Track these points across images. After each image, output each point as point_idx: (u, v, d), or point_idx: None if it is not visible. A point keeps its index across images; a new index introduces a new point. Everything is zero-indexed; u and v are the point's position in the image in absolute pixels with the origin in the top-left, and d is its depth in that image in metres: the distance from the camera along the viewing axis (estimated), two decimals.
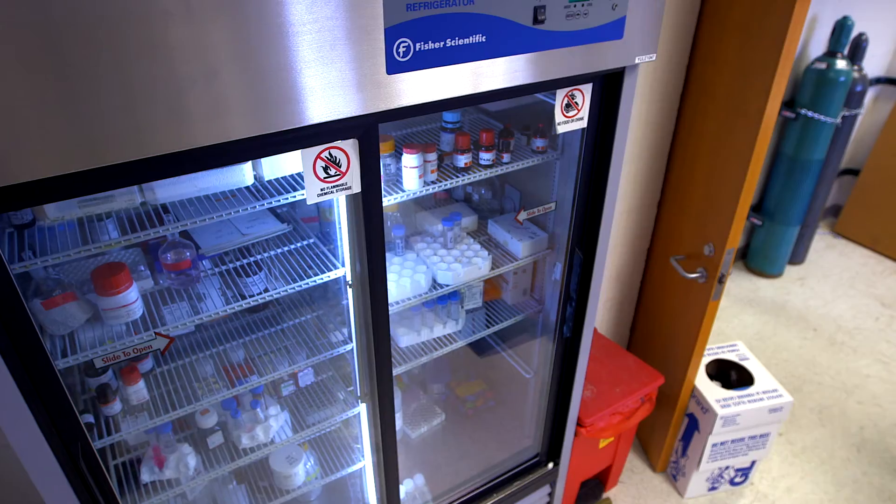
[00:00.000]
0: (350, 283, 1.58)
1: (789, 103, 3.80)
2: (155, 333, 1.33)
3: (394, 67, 1.18)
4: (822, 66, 3.59)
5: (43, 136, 0.92)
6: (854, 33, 3.67)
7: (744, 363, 2.72)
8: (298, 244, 1.79)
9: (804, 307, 4.00)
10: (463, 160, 1.74)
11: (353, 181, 1.32)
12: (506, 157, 1.81)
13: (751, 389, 2.58)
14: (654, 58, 1.55)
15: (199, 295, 1.63)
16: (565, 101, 1.58)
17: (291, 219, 1.88)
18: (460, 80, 1.28)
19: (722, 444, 2.60)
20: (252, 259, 1.72)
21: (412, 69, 1.20)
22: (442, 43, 1.21)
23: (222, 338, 1.88)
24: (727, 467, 2.75)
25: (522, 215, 1.89)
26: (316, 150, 1.24)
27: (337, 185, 1.30)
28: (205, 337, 1.88)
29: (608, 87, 1.63)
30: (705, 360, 2.75)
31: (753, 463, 2.77)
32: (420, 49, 1.19)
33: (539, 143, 1.84)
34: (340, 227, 1.54)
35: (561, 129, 1.63)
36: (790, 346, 3.67)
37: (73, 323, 1.42)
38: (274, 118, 1.09)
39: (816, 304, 4.02)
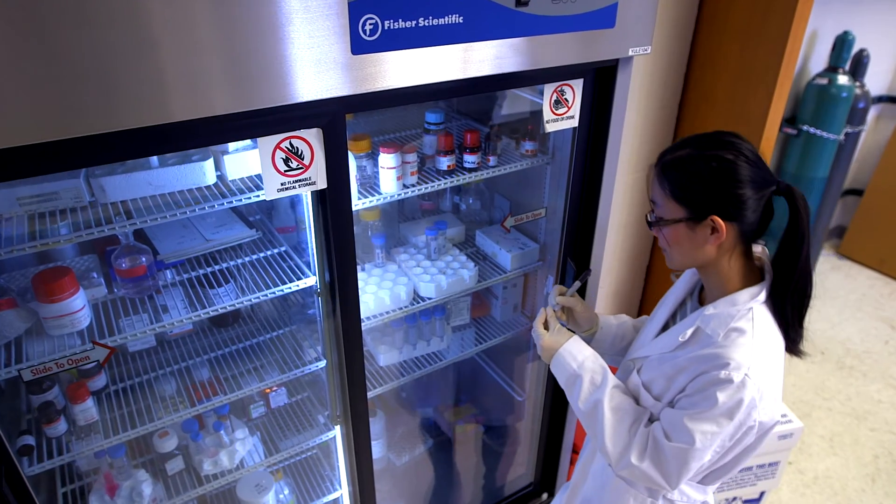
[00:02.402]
0: (318, 291, 1.45)
1: (791, 120, 3.71)
2: (93, 343, 1.20)
3: (360, 47, 1.06)
4: (824, 81, 3.51)
5: None
6: (855, 49, 3.60)
7: None
8: (269, 252, 1.67)
9: (810, 330, 3.84)
10: (446, 162, 1.63)
11: (318, 176, 1.20)
12: (492, 161, 1.69)
13: None
14: (648, 50, 1.44)
15: (162, 307, 1.49)
16: (554, 97, 1.47)
17: (264, 227, 1.76)
18: (436, 65, 1.17)
19: None
20: (218, 267, 1.60)
21: (381, 50, 1.09)
22: (414, 22, 1.10)
23: (187, 355, 1.73)
24: (734, 499, 2.57)
25: (510, 222, 1.77)
26: (275, 138, 1.12)
27: (300, 180, 1.18)
28: (168, 355, 1.74)
29: (601, 84, 1.52)
30: None
31: (762, 494, 2.59)
32: (389, 27, 1.08)
33: (528, 146, 1.73)
34: (309, 231, 1.42)
35: (550, 128, 1.52)
36: (796, 369, 3.51)
37: (10, 332, 1.28)
38: (219, 99, 0.97)
39: (823, 327, 3.87)
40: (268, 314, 1.94)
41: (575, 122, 1.55)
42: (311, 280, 1.51)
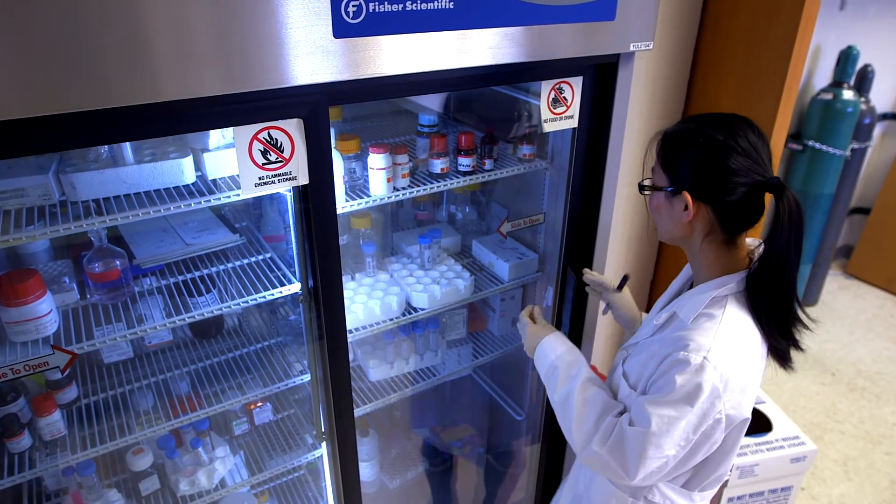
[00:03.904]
0: (301, 297, 1.36)
1: (796, 136, 3.65)
2: (53, 347, 1.11)
3: (342, 30, 1.00)
4: (829, 96, 3.46)
5: None
6: (859, 64, 3.55)
7: (760, 407, 2.45)
8: (253, 259, 1.59)
9: (820, 350, 3.74)
10: (439, 165, 1.56)
11: (299, 171, 1.12)
12: (488, 164, 1.62)
13: (769, 436, 2.31)
14: (650, 46, 1.38)
15: (138, 318, 1.40)
16: (552, 96, 1.40)
17: (250, 234, 1.68)
18: (425, 53, 1.10)
19: (739, 498, 2.31)
20: (199, 274, 1.52)
21: (365, 34, 1.02)
22: (401, 5, 1.03)
23: (166, 368, 1.64)
24: None
25: (506, 227, 1.69)
26: (251, 128, 1.05)
27: (279, 175, 1.11)
28: (146, 368, 1.64)
29: (601, 82, 1.46)
30: None
31: None
32: (374, 10, 1.01)
33: (526, 149, 1.66)
34: (293, 234, 1.34)
35: (548, 128, 1.45)
36: (807, 391, 3.39)
37: None
38: (186, 80, 0.90)
39: (833, 348, 3.76)
40: (253, 326, 1.85)
41: (574, 123, 1.48)
42: (295, 287, 1.42)
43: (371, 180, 1.46)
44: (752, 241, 1.15)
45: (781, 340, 1.10)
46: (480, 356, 1.95)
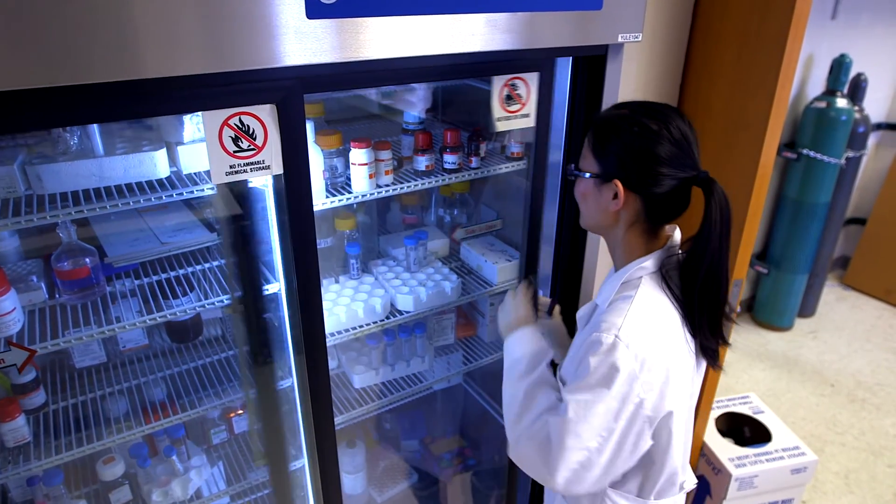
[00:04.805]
0: (276, 293, 1.31)
1: (790, 145, 3.63)
2: (9, 343, 1.05)
3: (316, 11, 0.96)
4: (822, 104, 3.44)
5: None
6: (852, 73, 3.55)
7: (758, 417, 2.39)
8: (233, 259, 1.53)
9: (818, 362, 3.68)
10: (424, 162, 1.51)
11: (273, 159, 1.07)
12: (475, 162, 1.58)
13: (768, 447, 2.25)
14: (639, 38, 1.34)
15: (114, 319, 1.35)
16: (506, 92, 1.33)
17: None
18: (403, 38, 1.06)
19: None
20: (174, 274, 1.46)
21: (339, 16, 0.98)
22: None
23: (140, 373, 1.58)
24: None
25: (460, 233, 1.64)
26: (221, 113, 1.00)
27: (251, 163, 1.06)
28: (121, 373, 1.58)
29: (590, 76, 1.42)
30: (714, 413, 2.43)
31: None
32: None
33: (515, 148, 1.62)
34: (270, 228, 1.29)
35: (501, 127, 1.38)
36: (806, 402, 3.32)
37: None
38: (148, 60, 0.86)
39: (832, 359, 3.70)
40: (235, 334, 1.79)
41: (531, 122, 1.41)
42: (274, 287, 1.37)
43: (353, 177, 1.42)
44: (669, 228, 1.13)
45: (712, 339, 1.08)
46: (470, 363, 1.89)
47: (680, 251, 1.11)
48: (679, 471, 1.13)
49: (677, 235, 1.13)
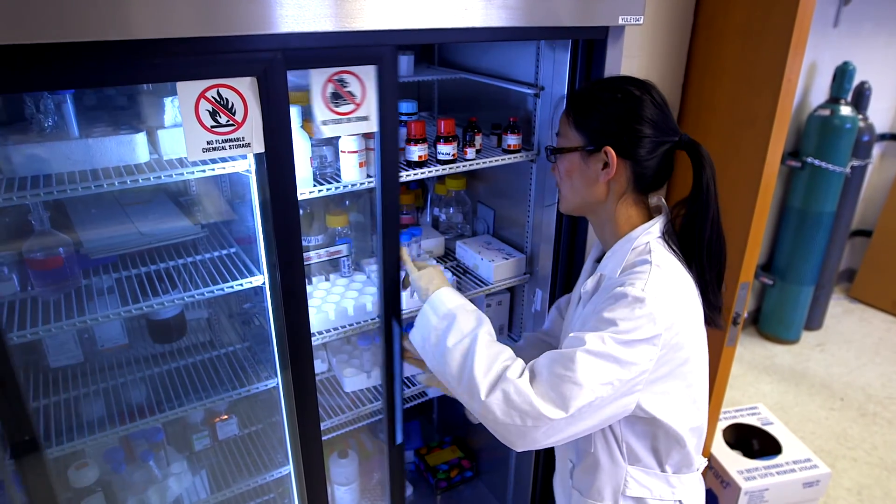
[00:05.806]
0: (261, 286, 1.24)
1: (794, 153, 3.58)
2: None
3: None
4: (826, 112, 3.40)
5: None
6: (856, 81, 3.51)
7: (767, 428, 2.30)
8: (216, 253, 1.47)
9: (827, 375, 3.58)
10: (416, 152, 1.45)
11: (253, 136, 1.01)
12: (470, 154, 1.52)
13: (779, 459, 2.15)
14: (640, 21, 1.29)
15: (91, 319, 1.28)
16: (329, 89, 1.10)
17: (217, 231, 1.57)
18: (394, 9, 1.01)
19: None
20: (155, 268, 1.40)
21: None
22: None
23: (119, 374, 1.51)
24: None
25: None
26: (198, 85, 0.94)
27: (230, 140, 1.00)
28: (98, 374, 1.51)
29: (591, 60, 1.37)
30: (722, 424, 2.34)
31: None
32: None
33: (511, 140, 1.56)
34: (254, 216, 1.22)
35: (328, 132, 1.14)
36: (816, 416, 3.22)
37: None
38: (115, 18, 0.80)
39: (840, 372, 3.60)
40: (225, 327, 1.72)
41: (372, 126, 1.17)
42: (258, 279, 1.31)
43: (343, 165, 1.36)
44: (656, 198, 1.15)
45: (720, 295, 1.10)
46: None
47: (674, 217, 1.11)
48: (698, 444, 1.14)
49: (662, 201, 1.15)
